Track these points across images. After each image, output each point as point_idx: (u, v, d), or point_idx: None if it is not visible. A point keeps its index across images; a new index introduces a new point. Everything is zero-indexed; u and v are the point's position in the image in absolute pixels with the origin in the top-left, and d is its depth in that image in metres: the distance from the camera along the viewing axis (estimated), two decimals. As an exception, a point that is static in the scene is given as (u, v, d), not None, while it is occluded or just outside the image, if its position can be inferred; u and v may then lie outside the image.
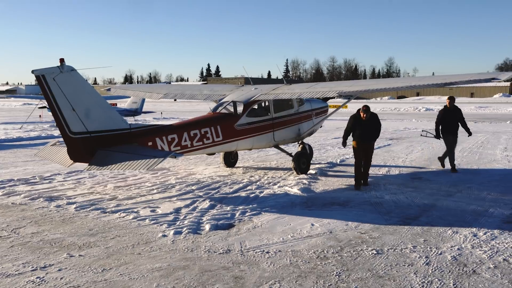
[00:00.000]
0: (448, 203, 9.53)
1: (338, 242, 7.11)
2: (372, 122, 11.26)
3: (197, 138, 11.16)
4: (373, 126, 11.28)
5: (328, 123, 29.19)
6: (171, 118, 37.44)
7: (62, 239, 7.28)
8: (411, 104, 73.31)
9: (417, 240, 7.17)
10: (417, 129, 28.01)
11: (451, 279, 5.72)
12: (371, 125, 11.26)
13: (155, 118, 38.84)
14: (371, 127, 11.27)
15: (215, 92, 14.16)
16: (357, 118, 11.27)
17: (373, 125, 11.28)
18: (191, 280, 5.69)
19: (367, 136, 11.26)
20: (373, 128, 11.28)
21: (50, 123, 31.83)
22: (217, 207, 9.13)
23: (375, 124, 11.32)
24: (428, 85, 11.78)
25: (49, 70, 9.07)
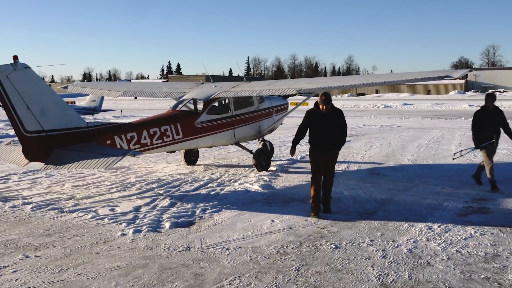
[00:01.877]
0: (404, 198, 9.76)
1: (297, 238, 7.20)
2: (335, 119, 8.51)
3: (157, 136, 11.07)
4: (337, 125, 8.51)
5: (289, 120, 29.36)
6: (131, 116, 36.95)
7: (17, 240, 7.11)
8: (371, 101, 74.60)
9: (374, 234, 7.33)
10: (376, 125, 28.55)
11: (407, 271, 5.88)
12: (334, 124, 8.48)
13: (115, 116, 38.27)
14: (334, 126, 8.48)
15: (175, 90, 14.06)
16: (314, 114, 8.55)
17: (337, 124, 8.51)
18: (151, 278, 5.66)
19: (328, 141, 8.45)
20: (336, 128, 8.50)
21: (4, 122, 30.91)
22: (178, 205, 9.09)
23: (339, 122, 8.54)
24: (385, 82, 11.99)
25: (1, 67, 8.82)
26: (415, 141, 20.30)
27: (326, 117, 8.46)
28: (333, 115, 8.52)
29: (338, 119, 8.56)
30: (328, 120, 8.45)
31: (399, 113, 45.10)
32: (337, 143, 8.59)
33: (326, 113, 8.45)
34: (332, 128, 8.48)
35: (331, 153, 8.59)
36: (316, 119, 8.49)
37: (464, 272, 5.83)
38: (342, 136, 8.62)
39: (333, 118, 8.51)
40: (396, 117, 38.45)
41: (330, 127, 8.46)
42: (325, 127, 8.45)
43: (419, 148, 17.92)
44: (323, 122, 8.44)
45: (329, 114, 8.47)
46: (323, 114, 8.45)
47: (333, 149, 8.57)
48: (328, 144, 8.49)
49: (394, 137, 22.00)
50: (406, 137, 21.75)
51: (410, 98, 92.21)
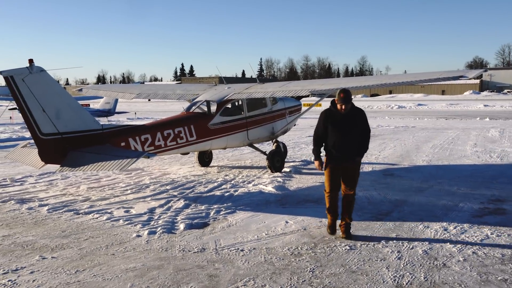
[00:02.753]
0: (419, 199, 9.70)
1: (312, 239, 7.18)
2: (356, 121, 7.17)
3: (171, 138, 11.12)
4: (358, 128, 7.18)
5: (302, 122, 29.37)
6: (145, 118, 37.16)
7: (34, 242, 7.19)
8: (384, 102, 74.21)
9: (389, 235, 7.29)
10: (390, 126, 28.43)
11: (422, 272, 5.84)
12: (355, 127, 7.16)
13: (129, 118, 38.51)
14: (355, 130, 7.16)
15: (189, 92, 14.12)
16: (330, 115, 7.22)
17: (358, 127, 7.18)
18: (166, 280, 5.69)
19: (348, 148, 7.13)
20: (357, 131, 7.17)
21: (21, 124, 31.26)
22: (192, 207, 9.12)
23: (361, 125, 7.21)
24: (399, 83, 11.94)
25: (18, 71, 8.93)
26: (429, 141, 20.16)
27: (345, 119, 7.11)
28: (353, 116, 7.15)
29: (360, 121, 7.18)
30: (347, 123, 7.11)
31: (413, 113, 44.82)
32: (358, 149, 7.21)
33: (345, 114, 7.11)
34: (352, 132, 7.11)
35: (351, 162, 7.20)
36: (333, 121, 7.15)
37: (481, 274, 5.77)
38: (364, 142, 7.25)
39: (353, 119, 7.13)
40: (410, 117, 38.21)
41: (350, 130, 7.10)
42: (344, 130, 7.09)
43: (433, 148, 17.79)
44: (342, 124, 7.11)
45: (348, 115, 7.12)
46: (342, 115, 7.12)
47: (354, 157, 7.20)
48: (348, 152, 7.12)
49: (408, 137, 21.87)
50: (421, 138, 21.61)
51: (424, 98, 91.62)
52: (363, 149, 7.30)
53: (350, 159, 7.19)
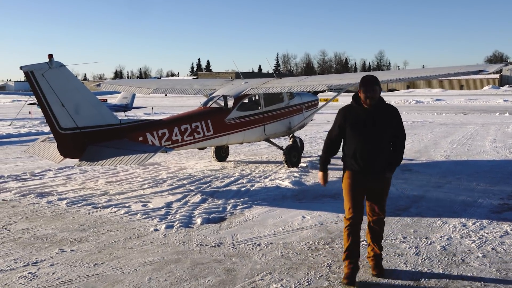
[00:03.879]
0: (437, 194, 9.61)
1: (329, 234, 7.16)
2: (386, 121, 5.38)
3: (188, 133, 11.17)
4: (388, 131, 5.40)
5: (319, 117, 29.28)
6: (162, 113, 37.35)
7: (53, 235, 7.28)
8: (402, 97, 73.65)
9: (407, 231, 7.24)
10: (407, 121, 28.19)
11: (441, 268, 5.79)
12: (385, 129, 5.38)
13: (146, 113, 38.74)
14: (385, 133, 5.39)
15: (206, 87, 14.16)
16: (351, 112, 5.46)
17: (389, 129, 5.40)
18: (183, 273, 5.72)
19: (375, 158, 5.38)
20: (387, 136, 5.41)
21: (40, 119, 31.65)
22: (209, 201, 9.16)
23: (392, 127, 5.42)
24: (418, 77, 11.84)
25: (37, 66, 9.03)
26: (448, 137, 19.96)
27: (372, 117, 5.31)
28: (383, 114, 5.35)
29: (391, 122, 5.37)
30: (374, 123, 5.29)
31: (431, 108, 44.39)
32: (389, 162, 5.46)
33: (372, 111, 5.32)
34: (381, 135, 5.32)
35: (379, 179, 5.46)
36: (355, 120, 5.36)
37: (500, 270, 5.70)
38: (397, 151, 5.49)
39: (383, 119, 5.33)
40: (428, 112, 37.84)
41: (378, 134, 5.30)
42: (369, 134, 5.30)
43: (452, 144, 17.61)
44: (366, 125, 5.30)
45: (376, 112, 5.32)
46: (367, 113, 5.33)
47: (383, 172, 5.43)
48: (375, 164, 5.36)
49: (426, 133, 21.67)
50: (439, 133, 21.40)
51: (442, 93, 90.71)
52: (396, 161, 5.51)
53: (376, 176, 5.41)
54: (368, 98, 5.31)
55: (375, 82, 5.34)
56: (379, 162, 5.40)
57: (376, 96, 5.33)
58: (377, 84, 5.35)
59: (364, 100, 5.36)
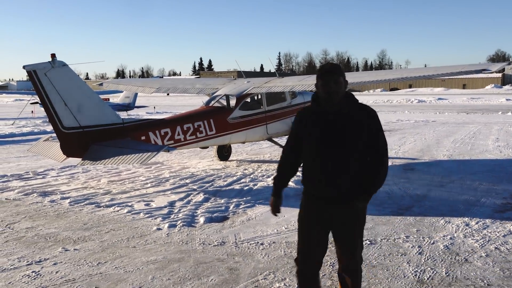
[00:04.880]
0: (440, 193, 9.60)
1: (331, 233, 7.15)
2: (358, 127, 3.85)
3: (190, 132, 11.18)
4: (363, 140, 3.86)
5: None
6: (164, 113, 37.36)
7: (56, 234, 7.29)
8: (404, 96, 73.54)
9: (410, 230, 7.24)
10: (410, 120, 28.16)
11: (444, 267, 5.78)
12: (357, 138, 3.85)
13: (148, 112, 38.76)
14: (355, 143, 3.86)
15: (208, 86, 14.17)
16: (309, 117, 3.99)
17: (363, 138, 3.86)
18: (186, 272, 5.73)
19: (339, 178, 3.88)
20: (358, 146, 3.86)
21: (42, 118, 31.70)
22: (211, 200, 9.16)
23: (369, 135, 3.87)
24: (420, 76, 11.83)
25: (40, 65, 9.05)
26: (450, 136, 19.94)
27: (335, 123, 3.84)
28: (352, 118, 3.85)
29: (365, 129, 3.84)
30: (339, 130, 3.83)
31: (434, 107, 44.34)
32: (363, 183, 3.90)
33: (336, 113, 3.86)
34: (348, 148, 3.84)
35: (347, 209, 3.95)
36: (313, 128, 3.92)
37: (504, 270, 5.70)
38: (375, 170, 3.91)
39: (352, 125, 3.83)
40: (431, 111, 37.80)
41: (344, 146, 3.83)
42: (331, 146, 3.84)
43: (454, 143, 17.59)
44: (328, 134, 3.84)
45: (343, 115, 3.85)
46: (329, 116, 3.87)
47: (351, 197, 3.91)
48: (340, 187, 3.88)
49: (428, 132, 21.65)
50: (441, 132, 21.38)
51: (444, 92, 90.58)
52: (373, 184, 3.91)
53: (342, 204, 3.92)
54: (329, 94, 3.76)
55: (337, 71, 3.80)
56: (346, 184, 3.84)
57: (340, 90, 3.77)
58: (340, 75, 3.78)
59: (324, 97, 3.81)
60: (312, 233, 4.08)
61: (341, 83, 3.81)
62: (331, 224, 4.03)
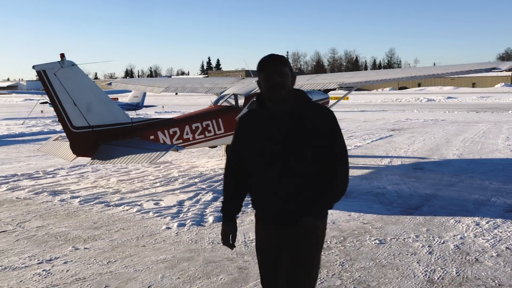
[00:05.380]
0: (450, 193, 9.55)
1: (341, 233, 7.14)
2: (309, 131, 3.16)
3: (199, 131, 11.19)
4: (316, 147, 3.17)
5: (330, 115, 29.16)
6: (173, 112, 37.43)
7: (67, 233, 7.33)
8: (413, 95, 73.22)
9: (419, 230, 7.20)
10: (419, 119, 28.03)
11: (454, 267, 5.75)
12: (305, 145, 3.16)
13: (157, 112, 38.85)
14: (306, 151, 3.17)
15: (216, 85, 14.18)
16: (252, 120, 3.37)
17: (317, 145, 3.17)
18: (196, 271, 5.74)
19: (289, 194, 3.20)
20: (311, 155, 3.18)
21: (52, 118, 31.86)
22: (220, 199, 9.15)
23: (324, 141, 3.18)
24: (429, 75, 11.78)
25: (50, 65, 9.09)
26: (460, 135, 19.83)
27: (280, 126, 3.24)
28: (303, 119, 3.22)
29: (319, 133, 3.20)
30: (285, 134, 3.21)
31: (443, 106, 44.11)
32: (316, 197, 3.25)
33: (283, 114, 3.25)
34: (297, 155, 3.20)
35: (297, 229, 3.28)
36: (255, 134, 3.32)
37: (515, 269, 5.66)
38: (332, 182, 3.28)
39: (302, 128, 3.20)
40: (440, 110, 37.61)
41: (291, 153, 3.20)
42: (276, 153, 3.22)
43: (464, 142, 17.48)
44: (272, 139, 3.24)
45: (291, 116, 3.24)
46: (275, 118, 3.27)
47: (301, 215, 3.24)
48: (287, 202, 3.25)
49: (438, 131, 21.54)
50: (451, 131, 21.26)
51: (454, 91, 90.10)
52: (328, 198, 3.28)
53: (289, 223, 3.26)
54: (272, 86, 3.13)
55: (282, 62, 3.19)
56: (294, 199, 3.17)
57: (287, 84, 3.15)
58: (285, 65, 3.19)
59: (267, 93, 3.18)
60: (268, 263, 3.43)
61: (287, 74, 3.20)
62: (283, 248, 3.32)
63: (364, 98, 61.43)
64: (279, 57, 3.27)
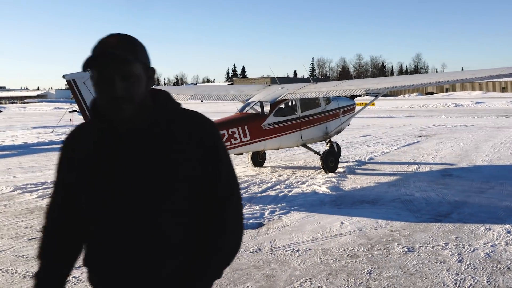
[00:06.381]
0: (480, 200, 9.38)
1: (368, 240, 7.08)
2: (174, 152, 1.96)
3: (225, 139, 11.23)
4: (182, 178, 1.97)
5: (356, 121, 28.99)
6: (199, 119, 37.63)
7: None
8: (440, 100, 72.24)
9: (448, 237, 7.09)
10: (447, 125, 27.63)
11: (485, 276, 5.64)
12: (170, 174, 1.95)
13: (183, 119, 39.10)
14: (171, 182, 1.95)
15: (242, 92, 14.24)
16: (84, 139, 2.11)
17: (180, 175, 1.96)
18: (222, 279, 5.74)
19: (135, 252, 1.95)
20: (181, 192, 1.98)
21: (80, 126, 32.33)
22: (246, 207, 9.18)
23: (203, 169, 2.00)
24: (457, 80, 11.63)
25: (79, 74, 9.27)
26: (489, 140, 19.46)
27: (132, 147, 1.99)
28: (166, 137, 2.01)
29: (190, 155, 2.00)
30: (139, 158, 1.97)
31: (471, 112, 43.37)
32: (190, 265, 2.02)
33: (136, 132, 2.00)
34: (159, 191, 1.96)
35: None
36: (89, 159, 2.06)
37: (548, 279, 5.52)
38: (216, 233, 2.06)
39: (165, 149, 1.98)
40: (468, 116, 36.98)
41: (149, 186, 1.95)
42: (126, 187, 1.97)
43: (494, 148, 17.15)
44: (116, 166, 1.98)
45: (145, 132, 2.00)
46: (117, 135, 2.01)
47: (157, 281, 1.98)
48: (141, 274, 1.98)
49: (466, 137, 21.18)
50: (480, 137, 20.89)
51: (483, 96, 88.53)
52: (216, 259, 2.10)
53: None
54: (113, 100, 1.93)
55: (131, 52, 1.98)
56: (155, 271, 2.00)
57: (138, 92, 1.96)
58: (135, 58, 1.98)
59: (106, 110, 1.99)
60: None
61: (139, 76, 1.92)
62: None
63: (390, 104, 60.83)
64: (126, 41, 1.95)
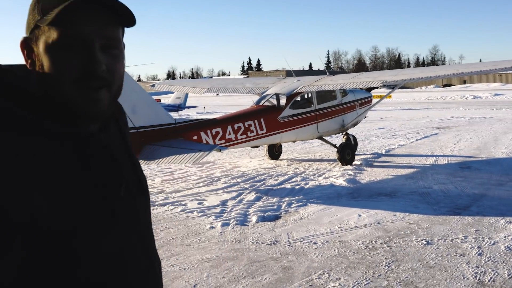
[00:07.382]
0: (500, 193, 9.26)
1: (386, 233, 7.04)
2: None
3: (241, 131, 11.24)
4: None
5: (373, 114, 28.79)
6: (214, 112, 37.73)
7: (114, 232, 7.48)
8: (458, 92, 71.39)
9: (468, 230, 7.02)
10: (465, 117, 27.32)
11: (506, 269, 5.57)
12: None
13: (199, 112, 39.23)
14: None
15: (258, 85, 14.22)
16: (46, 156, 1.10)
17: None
18: (240, 271, 5.76)
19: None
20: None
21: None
22: (263, 199, 9.18)
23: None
24: (476, 72, 11.47)
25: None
26: (508, 133, 19.20)
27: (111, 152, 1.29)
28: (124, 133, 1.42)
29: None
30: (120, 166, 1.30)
31: (490, 103, 42.80)
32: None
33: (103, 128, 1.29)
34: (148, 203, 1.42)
35: None
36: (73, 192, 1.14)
37: None
38: None
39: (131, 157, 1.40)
40: (487, 108, 36.48)
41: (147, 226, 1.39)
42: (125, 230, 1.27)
43: (513, 140, 16.91)
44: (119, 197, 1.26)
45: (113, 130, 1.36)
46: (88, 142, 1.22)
47: None
48: None
49: (485, 129, 20.93)
50: (499, 129, 20.61)
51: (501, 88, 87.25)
52: None
53: None
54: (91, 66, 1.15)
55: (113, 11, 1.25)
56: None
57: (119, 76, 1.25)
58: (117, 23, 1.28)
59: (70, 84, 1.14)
60: None
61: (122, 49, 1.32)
62: None
63: (407, 96, 60.32)
64: None
